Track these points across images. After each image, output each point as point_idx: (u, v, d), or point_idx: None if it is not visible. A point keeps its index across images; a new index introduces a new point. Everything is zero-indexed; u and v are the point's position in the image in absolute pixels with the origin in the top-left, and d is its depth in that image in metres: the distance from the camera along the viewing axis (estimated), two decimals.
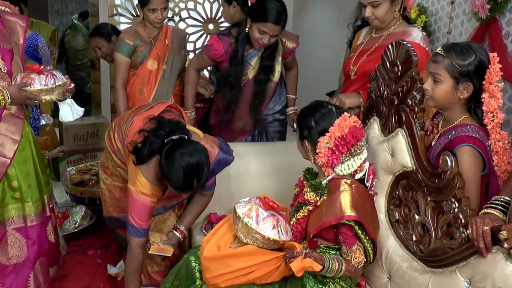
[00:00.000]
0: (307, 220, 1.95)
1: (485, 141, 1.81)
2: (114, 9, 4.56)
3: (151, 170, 2.20)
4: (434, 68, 1.84)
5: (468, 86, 1.80)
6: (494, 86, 1.77)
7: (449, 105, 1.88)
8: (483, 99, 1.80)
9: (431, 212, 1.85)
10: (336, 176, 1.93)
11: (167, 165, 2.12)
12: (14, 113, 2.21)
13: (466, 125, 1.84)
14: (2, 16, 2.25)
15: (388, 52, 2.11)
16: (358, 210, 1.82)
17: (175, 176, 2.11)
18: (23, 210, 2.26)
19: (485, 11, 2.44)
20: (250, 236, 1.90)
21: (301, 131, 1.97)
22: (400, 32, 2.42)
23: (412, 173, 1.94)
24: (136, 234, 2.25)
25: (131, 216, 2.24)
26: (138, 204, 2.23)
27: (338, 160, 1.87)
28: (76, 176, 3.62)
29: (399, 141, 2.01)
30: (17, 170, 2.22)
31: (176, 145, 2.14)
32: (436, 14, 2.92)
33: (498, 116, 1.79)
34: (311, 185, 1.96)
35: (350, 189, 1.87)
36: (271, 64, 2.91)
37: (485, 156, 1.80)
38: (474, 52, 1.79)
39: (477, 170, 1.80)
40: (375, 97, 2.20)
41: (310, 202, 1.94)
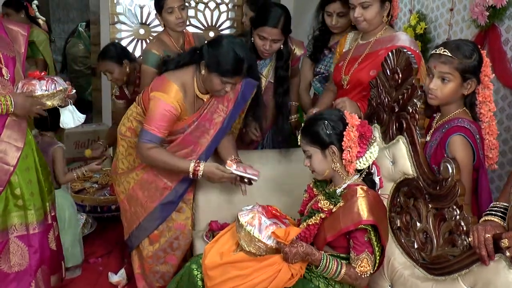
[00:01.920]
0: (318, 227, 1.95)
1: (476, 134, 1.88)
2: (116, 17, 4.57)
3: (178, 77, 2.35)
4: (443, 68, 1.88)
5: (472, 82, 1.88)
6: (487, 78, 1.88)
7: (452, 101, 1.93)
8: (477, 90, 1.89)
9: (433, 220, 1.85)
10: (352, 183, 1.94)
11: (215, 49, 2.28)
12: (17, 120, 2.21)
13: (458, 118, 1.90)
14: (4, 25, 2.28)
15: (389, 60, 2.12)
16: (374, 215, 1.84)
17: (226, 57, 2.24)
18: (26, 218, 2.26)
19: (484, 18, 2.45)
20: (253, 244, 1.91)
21: (321, 140, 1.92)
22: (388, 37, 2.40)
23: (413, 180, 1.95)
24: (148, 140, 2.32)
25: (148, 123, 2.32)
26: (161, 112, 2.30)
27: (364, 148, 1.88)
28: (77, 184, 3.62)
29: (400, 148, 2.02)
30: (20, 177, 2.23)
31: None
32: (435, 21, 2.93)
33: (491, 106, 1.89)
34: (326, 193, 1.96)
35: (367, 195, 1.87)
36: (286, 75, 2.86)
37: (475, 146, 1.86)
38: (474, 48, 1.89)
39: (469, 160, 1.85)
40: (375, 105, 2.21)
41: (323, 210, 1.93)
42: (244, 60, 2.28)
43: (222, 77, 2.27)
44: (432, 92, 1.91)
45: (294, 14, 5.16)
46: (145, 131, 2.33)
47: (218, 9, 4.71)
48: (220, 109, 2.47)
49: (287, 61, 2.84)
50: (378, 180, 1.96)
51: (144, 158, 2.40)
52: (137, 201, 2.55)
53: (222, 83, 2.30)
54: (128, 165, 2.58)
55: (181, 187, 2.52)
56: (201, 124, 2.44)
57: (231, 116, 2.50)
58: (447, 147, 1.87)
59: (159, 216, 2.53)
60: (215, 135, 2.47)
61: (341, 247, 1.93)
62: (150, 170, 2.50)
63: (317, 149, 1.93)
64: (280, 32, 2.65)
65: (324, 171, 1.96)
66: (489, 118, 1.90)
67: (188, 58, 2.42)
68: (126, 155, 2.59)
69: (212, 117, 2.46)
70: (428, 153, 1.95)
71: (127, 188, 2.57)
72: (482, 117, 1.90)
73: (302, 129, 2.00)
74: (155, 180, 2.50)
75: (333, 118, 1.92)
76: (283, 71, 2.84)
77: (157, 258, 2.58)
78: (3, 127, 2.17)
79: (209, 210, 2.62)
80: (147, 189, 2.51)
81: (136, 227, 2.59)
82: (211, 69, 2.29)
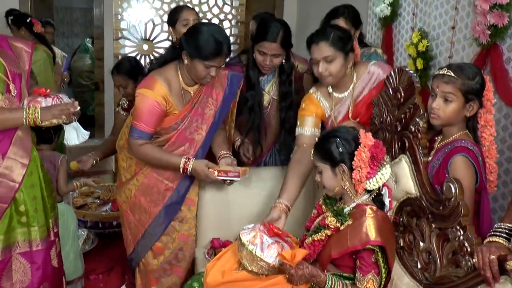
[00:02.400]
0: (323, 244, 1.94)
1: (478, 155, 1.88)
2: (120, 32, 4.61)
3: (161, 73, 2.40)
4: (446, 88, 1.90)
5: (474, 103, 1.90)
6: (490, 103, 1.90)
7: (455, 122, 1.95)
8: (479, 114, 1.92)
9: (436, 240, 1.84)
10: (361, 203, 1.93)
11: (193, 37, 2.31)
12: (23, 137, 2.22)
13: (461, 139, 1.91)
14: (9, 42, 2.29)
15: (391, 79, 2.13)
16: (383, 236, 1.83)
17: (205, 41, 2.28)
18: (29, 235, 2.26)
19: (486, 36, 2.46)
20: (255, 264, 1.90)
21: (332, 158, 1.91)
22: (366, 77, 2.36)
23: (416, 200, 1.95)
24: (138, 137, 2.37)
25: (135, 120, 2.37)
26: (147, 106, 2.34)
27: (375, 169, 1.87)
28: (79, 199, 3.62)
29: (403, 168, 2.02)
30: (24, 194, 2.23)
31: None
32: (437, 39, 2.95)
33: (492, 130, 1.92)
34: (334, 210, 1.95)
35: (376, 215, 1.86)
36: (290, 90, 2.85)
37: (478, 169, 1.86)
38: (477, 71, 1.92)
39: (471, 180, 1.85)
40: (378, 123, 2.21)
41: (329, 227, 1.92)
42: (223, 41, 2.32)
43: (205, 61, 2.30)
44: (434, 112, 1.92)
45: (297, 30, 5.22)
46: (134, 128, 2.39)
47: (221, 25, 4.75)
48: (210, 102, 2.51)
49: (290, 75, 2.83)
50: (388, 202, 1.95)
51: (136, 154, 2.45)
52: (140, 208, 2.55)
53: (205, 67, 2.32)
54: (129, 176, 2.59)
55: (182, 187, 2.53)
56: (194, 120, 2.47)
57: (222, 109, 2.54)
58: (449, 167, 1.87)
59: (164, 219, 2.53)
60: (209, 130, 2.51)
61: (345, 266, 1.91)
62: (150, 174, 2.51)
63: (328, 166, 1.93)
64: (279, 46, 2.65)
65: (334, 188, 1.95)
66: (489, 142, 1.92)
67: (170, 54, 2.50)
68: (127, 168, 2.60)
69: (204, 112, 2.50)
70: (430, 174, 1.95)
71: (129, 196, 2.57)
72: (483, 141, 1.92)
73: (315, 144, 2.00)
74: (156, 183, 2.51)
75: (346, 136, 1.91)
76: (286, 86, 2.84)
77: (164, 270, 2.57)
78: (10, 144, 2.18)
79: (211, 227, 2.62)
80: (149, 194, 2.52)
81: (142, 236, 2.57)
82: (193, 56, 2.32)
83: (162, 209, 2.52)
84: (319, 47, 2.25)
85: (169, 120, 2.43)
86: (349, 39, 2.31)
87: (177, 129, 2.46)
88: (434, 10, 2.96)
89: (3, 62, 2.16)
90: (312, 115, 2.45)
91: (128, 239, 2.65)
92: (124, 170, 2.62)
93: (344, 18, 2.83)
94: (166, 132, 2.45)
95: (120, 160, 2.64)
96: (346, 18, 2.83)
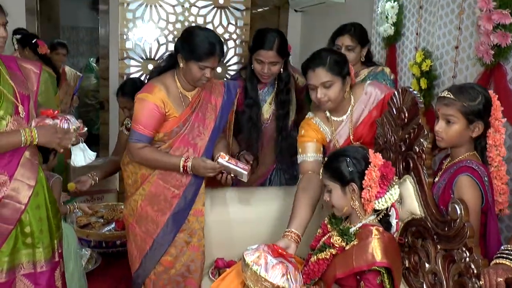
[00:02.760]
0: (328, 263, 1.93)
1: (484, 176, 1.87)
2: (125, 52, 4.65)
3: (159, 79, 2.47)
4: (447, 110, 1.92)
5: (478, 124, 1.90)
6: (498, 122, 1.89)
7: (461, 144, 1.95)
8: (488, 134, 1.91)
9: (442, 261, 1.83)
10: (368, 223, 1.92)
11: (186, 39, 2.41)
12: (30, 158, 2.23)
13: (467, 160, 1.91)
14: (18, 63, 2.30)
15: (394, 99, 2.13)
16: (389, 257, 1.82)
17: (198, 42, 2.36)
18: (34, 256, 2.25)
19: (489, 56, 2.46)
20: (259, 284, 1.88)
21: (342, 177, 1.92)
22: (364, 99, 2.37)
23: (421, 221, 1.94)
24: (137, 140, 2.43)
25: (135, 123, 2.43)
26: (146, 109, 2.41)
27: (385, 189, 1.87)
28: (83, 219, 3.61)
29: (407, 188, 2.02)
30: (30, 215, 2.22)
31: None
32: (441, 59, 2.96)
33: (501, 150, 1.90)
34: (340, 229, 1.95)
35: (382, 237, 1.86)
36: (287, 98, 2.92)
37: (483, 189, 1.85)
38: (479, 92, 1.92)
39: (476, 201, 1.84)
40: (382, 143, 2.21)
41: (334, 246, 1.92)
42: (215, 42, 2.40)
43: (199, 62, 2.37)
44: (438, 135, 1.94)
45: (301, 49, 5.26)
46: (133, 131, 2.45)
47: (226, 45, 4.78)
48: (210, 108, 2.58)
49: (287, 84, 2.90)
50: (395, 223, 1.94)
51: (135, 158, 2.49)
52: (147, 218, 2.54)
53: (200, 68, 2.40)
54: (135, 189, 2.59)
55: (189, 192, 2.53)
56: (195, 125, 2.52)
57: (222, 115, 2.61)
58: (454, 187, 1.87)
59: (172, 227, 2.53)
60: (211, 135, 2.56)
61: (349, 286, 1.90)
62: (156, 182, 2.52)
63: (337, 185, 1.93)
64: (276, 54, 2.73)
65: (343, 208, 1.95)
66: (497, 162, 1.90)
67: (167, 62, 2.57)
68: (133, 183, 2.61)
69: (205, 117, 2.55)
70: (436, 194, 1.95)
71: (135, 208, 2.56)
72: (491, 161, 1.91)
73: (324, 163, 2.01)
74: (163, 191, 2.52)
75: (356, 155, 1.92)
76: (283, 95, 2.91)
77: (177, 283, 2.57)
78: (18, 166, 2.18)
79: (215, 247, 2.61)
80: (156, 203, 2.52)
81: (149, 248, 2.55)
82: (187, 58, 2.40)
83: (170, 217, 2.52)
84: (316, 73, 2.24)
85: (170, 124, 2.48)
86: (345, 62, 2.31)
87: (179, 134, 2.50)
88: (437, 30, 2.97)
89: (12, 83, 2.17)
90: (313, 141, 2.41)
91: (133, 255, 2.62)
92: (129, 186, 2.63)
93: (350, 35, 2.86)
94: (169, 137, 2.49)
95: (126, 178, 2.66)
96: (352, 36, 2.86)
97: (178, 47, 2.44)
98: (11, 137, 2.10)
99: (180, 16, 4.63)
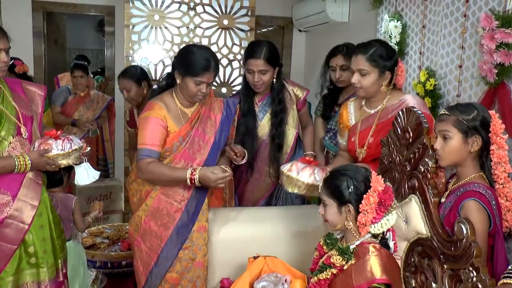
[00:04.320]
0: (329, 283, 1.92)
1: (492, 199, 1.85)
2: None
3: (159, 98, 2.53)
4: (442, 126, 1.93)
5: (476, 138, 1.89)
6: (500, 138, 1.87)
7: (461, 161, 1.94)
8: (492, 151, 1.89)
9: (449, 281, 1.81)
10: (364, 241, 1.92)
11: (182, 56, 2.49)
12: (33, 178, 2.25)
13: (474, 183, 1.89)
14: (23, 85, 2.35)
15: (399, 118, 2.14)
16: (388, 273, 1.81)
17: (193, 59, 2.44)
18: (38, 276, 2.26)
19: (493, 75, 2.47)
20: (293, 184, 2.42)
21: (341, 196, 1.91)
22: (396, 104, 2.40)
23: (427, 240, 1.92)
24: (146, 156, 2.43)
25: (141, 142, 2.45)
26: (151, 125, 2.45)
27: (381, 216, 1.86)
28: (88, 239, 3.61)
29: (413, 208, 2.01)
30: (34, 235, 2.24)
31: None
32: (445, 77, 2.97)
33: (506, 167, 1.89)
34: (339, 248, 1.94)
35: (379, 253, 1.85)
36: (280, 108, 2.96)
37: (491, 213, 1.83)
38: (475, 108, 1.92)
39: (483, 224, 1.82)
40: (387, 163, 2.21)
41: (335, 266, 1.91)
42: (210, 58, 2.47)
43: (195, 77, 2.44)
44: (437, 153, 1.94)
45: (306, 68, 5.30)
46: (140, 149, 2.46)
47: (230, 65, 4.82)
48: (209, 124, 2.63)
49: (280, 93, 2.96)
50: (392, 244, 1.93)
51: (144, 174, 2.48)
52: (151, 233, 2.55)
53: (196, 84, 2.46)
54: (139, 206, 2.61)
55: (191, 206, 2.55)
56: (196, 140, 2.56)
57: (221, 131, 2.64)
58: (460, 211, 1.86)
59: (176, 241, 2.54)
60: (211, 150, 2.58)
61: None
62: (158, 196, 2.53)
63: (334, 203, 1.93)
64: (264, 62, 2.81)
65: (336, 225, 1.95)
66: (503, 179, 1.89)
67: (166, 81, 2.65)
68: (138, 201, 2.63)
69: (204, 132, 2.59)
70: (442, 215, 1.93)
71: (139, 223, 2.58)
72: (497, 179, 1.90)
73: (325, 178, 2.01)
74: (165, 205, 2.53)
75: (357, 177, 1.90)
76: (276, 104, 2.96)
77: None
78: (20, 186, 2.20)
79: (220, 267, 2.60)
80: (160, 218, 2.53)
81: (155, 263, 2.55)
82: (183, 74, 2.47)
83: (173, 231, 2.53)
84: (356, 59, 2.39)
85: (171, 138, 2.51)
86: (390, 58, 2.37)
87: (180, 148, 2.53)
88: (441, 49, 2.99)
89: (15, 105, 2.22)
90: (346, 129, 2.63)
91: (139, 271, 2.62)
92: (135, 204, 2.66)
93: (343, 55, 2.93)
94: (171, 152, 2.52)
95: (131, 196, 2.68)
96: (344, 55, 2.91)
97: (175, 64, 2.53)
98: (5, 162, 2.14)
99: (185, 37, 4.67)
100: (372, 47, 2.36)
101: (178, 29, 4.65)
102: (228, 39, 4.78)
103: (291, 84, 3.04)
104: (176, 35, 4.64)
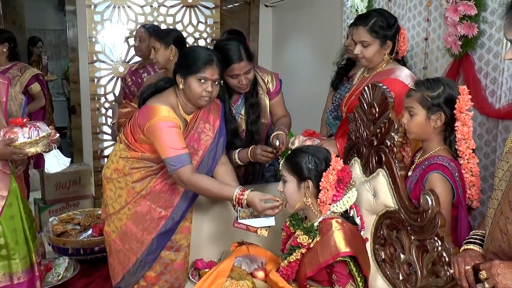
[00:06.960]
0: (299, 263, 1.97)
1: (455, 171, 1.90)
2: (94, 55, 4.58)
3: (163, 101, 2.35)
4: (408, 102, 1.96)
5: (440, 115, 1.91)
6: (465, 115, 1.90)
7: (426, 136, 1.97)
8: (456, 128, 1.91)
9: (416, 251, 1.86)
10: (326, 217, 1.95)
11: (182, 57, 2.41)
12: (0, 169, 2.19)
13: (438, 156, 1.93)
14: None
15: (365, 94, 2.15)
16: (352, 246, 1.86)
17: (193, 56, 2.34)
18: (10, 268, 2.22)
19: (458, 47, 2.50)
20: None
21: (301, 172, 1.96)
22: (386, 71, 2.43)
23: (395, 213, 1.96)
24: (181, 163, 2.24)
25: (165, 151, 2.25)
26: (166, 131, 2.26)
27: (341, 193, 1.93)
28: (59, 227, 3.55)
29: (381, 181, 2.04)
30: (4, 226, 2.20)
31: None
32: (411, 50, 2.99)
33: (470, 143, 1.92)
34: (304, 228, 1.98)
35: (342, 227, 1.90)
36: (257, 101, 2.82)
37: (454, 184, 1.88)
38: (442, 84, 1.93)
39: (447, 196, 1.86)
40: (355, 138, 2.23)
41: (303, 245, 1.95)
42: (211, 52, 2.40)
43: (197, 73, 2.30)
44: (404, 127, 1.97)
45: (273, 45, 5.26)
46: (170, 158, 2.25)
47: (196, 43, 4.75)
48: (207, 128, 2.49)
49: (255, 86, 2.80)
50: (359, 220, 1.98)
51: (187, 186, 2.31)
52: (131, 236, 2.45)
53: (199, 83, 2.31)
54: (119, 206, 2.48)
55: (177, 214, 2.46)
56: (190, 145, 2.41)
57: (219, 136, 2.52)
58: (425, 184, 1.90)
59: (157, 246, 2.45)
60: (204, 156, 2.46)
61: (324, 281, 1.94)
62: (142, 202, 2.42)
63: (294, 179, 1.98)
64: (247, 62, 2.64)
65: (295, 204, 1.99)
66: (467, 155, 1.92)
67: (164, 83, 2.47)
68: (116, 198, 2.49)
69: (200, 137, 2.47)
70: (409, 188, 1.97)
71: (119, 226, 2.47)
72: (461, 154, 1.93)
73: (286, 156, 2.05)
74: (149, 211, 2.42)
75: (319, 155, 1.97)
76: (253, 97, 2.80)
77: None
78: None
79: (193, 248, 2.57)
80: (142, 222, 2.43)
81: (133, 264, 2.47)
82: (186, 75, 2.33)
83: (156, 237, 2.43)
84: (357, 31, 2.39)
85: None
86: (390, 27, 2.39)
87: None
88: (407, 22, 3.01)
89: None
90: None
91: (115, 269, 2.53)
92: (112, 200, 2.50)
93: None
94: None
95: (108, 191, 2.51)
96: None
97: (176, 68, 2.38)
98: None
99: (149, 16, 4.58)
100: (372, 18, 2.37)
101: (142, 8, 4.56)
102: (193, 17, 4.71)
103: (262, 71, 2.88)
104: (140, 14, 4.55)
